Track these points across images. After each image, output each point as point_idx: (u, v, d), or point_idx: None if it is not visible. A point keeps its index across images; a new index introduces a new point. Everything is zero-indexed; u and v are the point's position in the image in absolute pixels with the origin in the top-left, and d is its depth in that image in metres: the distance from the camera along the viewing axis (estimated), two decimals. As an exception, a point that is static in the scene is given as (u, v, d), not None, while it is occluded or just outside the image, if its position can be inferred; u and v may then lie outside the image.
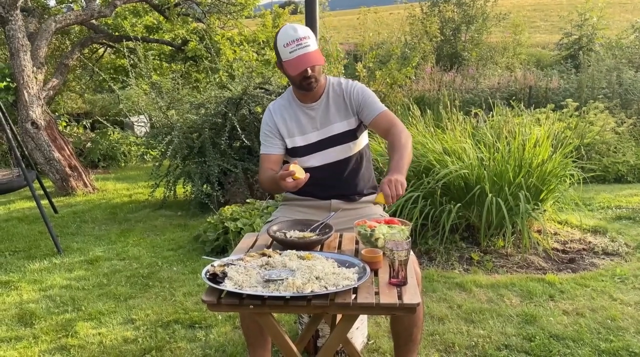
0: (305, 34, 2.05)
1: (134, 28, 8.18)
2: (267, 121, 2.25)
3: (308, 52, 2.04)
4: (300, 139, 2.21)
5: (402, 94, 8.13)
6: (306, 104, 2.22)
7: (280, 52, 2.06)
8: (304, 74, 2.06)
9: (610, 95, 7.82)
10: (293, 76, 2.09)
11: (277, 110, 2.25)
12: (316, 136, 2.21)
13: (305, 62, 2.03)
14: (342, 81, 2.26)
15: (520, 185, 3.65)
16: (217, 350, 2.52)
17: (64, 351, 2.58)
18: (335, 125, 2.20)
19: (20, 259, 3.99)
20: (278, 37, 2.07)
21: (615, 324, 2.67)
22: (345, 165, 2.22)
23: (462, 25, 12.25)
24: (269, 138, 2.24)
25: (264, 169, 2.19)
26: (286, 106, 2.25)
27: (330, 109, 2.21)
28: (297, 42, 2.02)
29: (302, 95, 2.21)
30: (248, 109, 5.15)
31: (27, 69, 5.86)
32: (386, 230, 1.80)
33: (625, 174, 5.90)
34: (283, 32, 2.06)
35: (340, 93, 2.22)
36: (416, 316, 1.95)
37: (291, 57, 2.03)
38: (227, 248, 3.86)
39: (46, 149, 5.94)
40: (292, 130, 2.22)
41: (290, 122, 2.22)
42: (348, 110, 2.21)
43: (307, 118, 2.22)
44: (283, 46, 2.04)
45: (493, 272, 3.41)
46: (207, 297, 1.49)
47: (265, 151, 2.24)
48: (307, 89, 2.13)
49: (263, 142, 2.25)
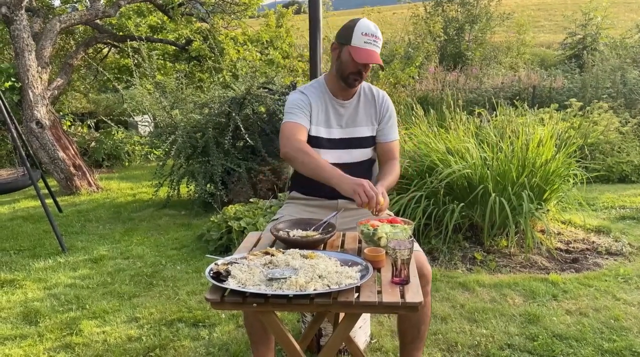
0: (381, 37, 2.13)
1: (138, 28, 8.20)
2: (299, 97, 2.20)
3: (377, 51, 2.10)
4: (324, 131, 2.21)
5: (405, 94, 8.13)
6: (338, 99, 2.23)
7: (354, 36, 2.07)
8: (360, 67, 2.10)
9: (615, 95, 7.80)
10: (351, 64, 2.09)
11: (311, 94, 2.22)
12: (339, 133, 2.22)
13: (372, 58, 2.07)
14: (373, 88, 2.31)
15: (523, 185, 3.65)
16: (220, 348, 2.53)
17: (68, 349, 2.59)
18: (360, 128, 2.24)
19: (25, 257, 4.01)
20: (359, 24, 2.09)
21: (619, 324, 2.66)
22: (359, 168, 2.22)
23: (465, 25, 12.23)
24: (301, 110, 2.17)
25: (294, 138, 2.08)
26: (319, 94, 2.23)
27: (359, 111, 2.24)
28: (374, 38, 2.08)
29: (339, 89, 2.21)
30: (251, 108, 5.16)
31: (32, 68, 5.88)
32: (389, 229, 1.81)
33: (629, 174, 5.88)
34: (365, 22, 2.10)
35: (371, 99, 2.27)
36: (424, 314, 1.97)
37: (362, 47, 2.07)
38: (231, 247, 3.87)
39: (51, 148, 5.96)
40: (320, 119, 2.21)
41: (319, 110, 2.21)
42: (373, 118, 2.26)
43: (336, 113, 2.23)
44: (361, 34, 2.07)
45: (496, 272, 3.41)
46: (211, 295, 1.49)
47: (296, 120, 2.14)
48: (350, 84, 2.15)
49: (292, 112, 2.16)
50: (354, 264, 1.64)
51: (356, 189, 1.81)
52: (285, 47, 8.49)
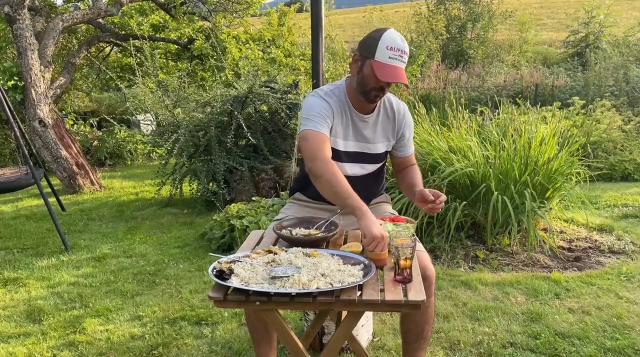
0: (407, 51, 1.98)
1: (141, 27, 8.19)
2: (323, 105, 2.05)
3: (402, 67, 1.96)
4: (342, 144, 2.11)
5: (407, 92, 8.12)
6: (359, 112, 2.11)
7: (379, 51, 1.93)
8: (383, 84, 1.98)
9: (617, 93, 7.78)
10: (373, 80, 1.96)
11: (334, 103, 2.08)
12: (354, 147, 2.13)
13: (397, 76, 1.93)
14: (394, 101, 2.21)
15: (526, 183, 3.65)
16: (223, 347, 2.54)
17: (72, 347, 2.60)
18: (377, 145, 2.17)
19: (28, 256, 4.03)
20: (384, 36, 1.93)
21: (621, 322, 2.66)
22: (367, 179, 2.21)
23: (468, 23, 12.20)
24: (324, 119, 2.02)
25: (322, 154, 1.93)
26: (340, 104, 2.10)
27: (378, 127, 2.16)
28: (400, 53, 1.94)
29: (359, 103, 2.08)
30: (254, 107, 5.17)
31: (35, 67, 5.89)
32: (391, 227, 1.81)
33: (632, 172, 5.88)
34: (391, 35, 1.94)
35: (391, 115, 2.18)
36: (428, 314, 1.96)
37: (386, 62, 1.93)
38: (233, 246, 3.88)
39: (53, 147, 5.98)
40: (338, 130, 2.09)
41: (340, 122, 2.09)
42: (390, 135, 2.20)
43: (355, 127, 2.12)
44: (386, 48, 1.92)
45: (498, 270, 3.41)
46: (214, 293, 1.50)
47: (320, 130, 1.99)
48: (370, 99, 2.03)
49: (315, 120, 2.00)
50: (357, 263, 1.65)
51: (375, 238, 1.67)
52: (287, 46, 8.48)
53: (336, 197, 1.86)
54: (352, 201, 1.79)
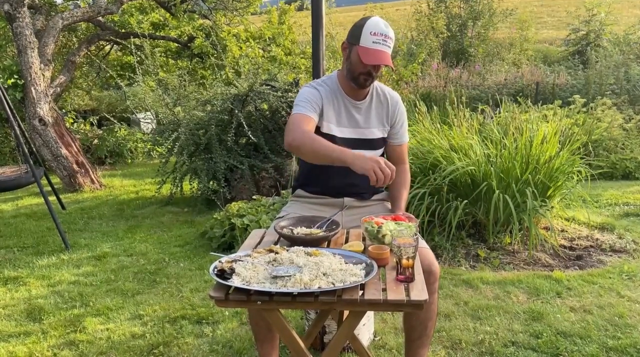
0: (392, 35, 2.05)
1: (141, 25, 8.18)
2: (311, 91, 2.13)
3: (387, 51, 2.03)
4: (337, 130, 2.16)
5: (408, 91, 8.11)
6: (352, 99, 2.18)
7: (363, 36, 2.01)
8: (370, 68, 2.04)
9: (618, 91, 7.77)
10: (359, 65, 2.04)
11: (324, 90, 2.15)
12: (351, 133, 2.18)
13: (381, 59, 2.00)
14: (386, 90, 2.27)
15: (527, 182, 3.64)
16: (224, 346, 2.54)
17: (72, 346, 2.60)
18: (373, 129, 2.21)
19: (28, 255, 4.02)
20: (368, 23, 2.02)
21: (623, 321, 2.66)
22: None
23: (468, 21, 12.18)
24: (310, 103, 2.08)
25: (299, 128, 1.98)
26: (333, 92, 2.17)
27: (372, 112, 2.21)
28: (384, 37, 2.01)
29: (351, 89, 2.16)
30: (254, 105, 5.15)
31: (35, 66, 5.88)
32: (393, 226, 1.80)
33: (633, 171, 5.87)
34: (375, 21, 2.03)
35: (384, 101, 2.24)
36: (432, 310, 1.96)
37: (371, 47, 2.00)
38: (234, 244, 3.87)
39: (54, 145, 5.97)
40: (331, 116, 2.15)
41: (332, 107, 2.15)
42: (385, 120, 2.24)
43: (348, 113, 2.18)
44: (370, 33, 2.00)
45: (500, 269, 3.40)
46: (215, 293, 1.49)
47: (305, 113, 2.05)
48: (361, 84, 2.10)
49: (300, 104, 2.08)
50: (358, 262, 1.64)
51: (373, 167, 1.73)
52: (288, 44, 8.47)
53: (323, 157, 1.88)
54: (339, 153, 1.83)
